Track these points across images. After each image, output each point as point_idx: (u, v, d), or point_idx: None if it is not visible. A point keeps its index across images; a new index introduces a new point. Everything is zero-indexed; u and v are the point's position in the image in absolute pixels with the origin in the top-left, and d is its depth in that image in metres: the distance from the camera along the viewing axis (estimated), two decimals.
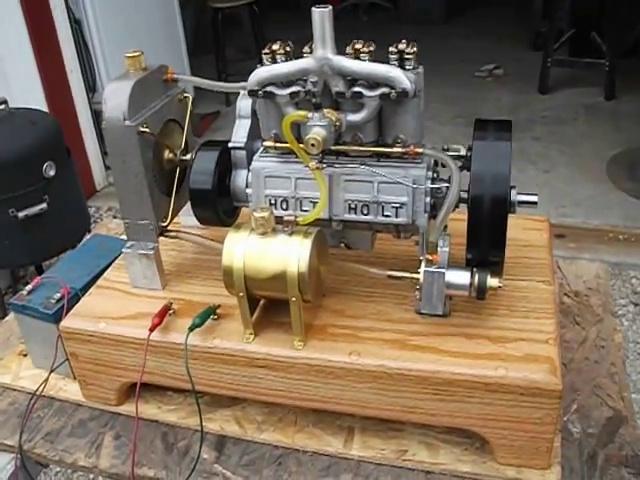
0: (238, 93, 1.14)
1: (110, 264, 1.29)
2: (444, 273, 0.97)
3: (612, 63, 4.07)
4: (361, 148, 1.01)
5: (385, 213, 1.03)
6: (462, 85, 4.57)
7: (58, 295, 1.21)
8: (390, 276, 1.04)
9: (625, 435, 1.07)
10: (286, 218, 1.00)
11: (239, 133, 1.12)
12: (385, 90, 0.95)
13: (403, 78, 0.94)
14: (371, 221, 1.04)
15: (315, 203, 1.06)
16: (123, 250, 1.16)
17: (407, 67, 0.96)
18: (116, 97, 1.06)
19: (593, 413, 1.12)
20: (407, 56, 0.97)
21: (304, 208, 1.07)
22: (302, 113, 0.96)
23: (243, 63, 4.33)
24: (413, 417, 1.03)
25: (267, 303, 1.10)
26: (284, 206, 1.07)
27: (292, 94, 0.99)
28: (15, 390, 1.27)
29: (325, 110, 0.96)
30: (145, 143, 1.09)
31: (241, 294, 1.02)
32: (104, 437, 1.16)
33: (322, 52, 0.95)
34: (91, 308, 1.16)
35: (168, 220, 1.16)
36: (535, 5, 4.90)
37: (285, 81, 1.00)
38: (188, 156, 1.16)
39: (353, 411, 1.07)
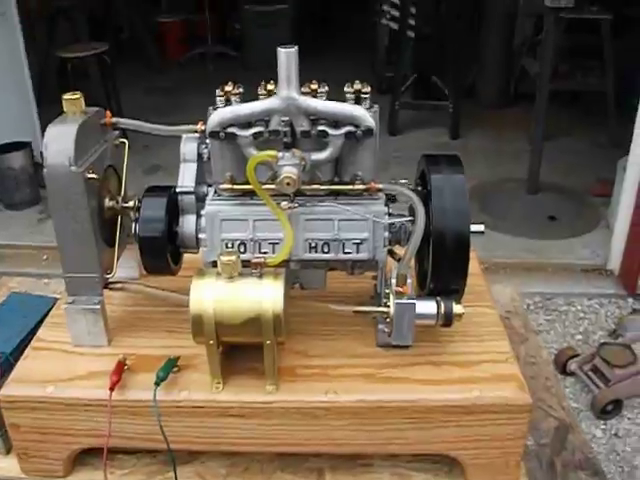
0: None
1: (39, 323, 1.19)
2: (415, 304, 1.00)
3: (455, 105, 4.40)
4: (322, 187, 1.03)
5: (346, 250, 1.05)
6: None
7: None
8: (356, 311, 1.06)
9: (574, 441, 1.15)
10: (254, 260, 0.99)
11: (186, 177, 1.10)
12: (350, 129, 0.98)
13: (367, 117, 0.97)
14: (332, 259, 1.06)
15: (275, 244, 1.05)
16: (64, 307, 1.08)
17: (364, 106, 1.00)
18: (59, 141, 1.00)
19: (541, 425, 1.19)
20: (363, 95, 1.01)
21: (263, 250, 1.06)
22: (272, 153, 0.96)
23: None
24: (392, 449, 1.05)
25: (228, 349, 1.07)
26: (242, 249, 1.06)
27: (255, 134, 0.99)
28: None
29: (293, 150, 0.97)
30: (91, 190, 1.03)
31: (211, 342, 0.98)
32: None
33: (287, 92, 0.96)
34: (32, 372, 1.06)
35: (113, 271, 1.10)
36: (379, 52, 5.21)
37: (245, 122, 0.99)
38: (130, 203, 1.11)
39: (331, 450, 1.06)
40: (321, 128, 0.98)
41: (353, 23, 6.31)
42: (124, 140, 1.14)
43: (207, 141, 1.08)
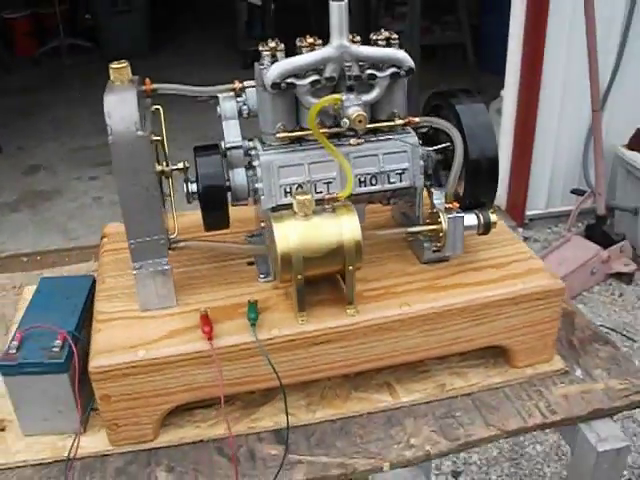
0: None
1: (87, 301, 1.19)
2: (464, 217, 1.14)
3: None
4: (370, 125, 1.13)
5: (391, 180, 1.17)
6: (188, 111, 4.69)
7: (58, 342, 1.09)
8: (410, 232, 1.18)
9: (580, 322, 1.36)
10: (328, 197, 1.08)
11: (232, 133, 1.15)
12: (394, 70, 1.09)
13: (408, 58, 1.09)
14: (379, 190, 1.17)
15: (329, 184, 1.15)
16: (134, 272, 1.10)
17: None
18: (122, 108, 1.02)
19: None
20: (393, 41, 1.12)
21: (318, 190, 1.15)
22: (337, 96, 1.05)
23: None
24: (455, 348, 1.19)
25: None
26: (294, 191, 1.14)
27: (313, 82, 1.07)
28: (16, 468, 1.09)
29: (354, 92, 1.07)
30: (154, 153, 1.06)
31: (299, 277, 1.06)
32: (156, 475, 1.08)
33: (340, 41, 1.05)
34: (112, 342, 1.07)
35: (176, 232, 1.13)
36: (240, 28, 5.26)
37: (302, 72, 1.07)
38: (179, 164, 1.14)
39: (406, 359, 1.18)
40: (370, 72, 1.08)
41: (212, 1, 6.27)
42: (159, 107, 1.16)
43: (243, 98, 1.15)
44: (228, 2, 5.26)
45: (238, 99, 1.16)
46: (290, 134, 1.12)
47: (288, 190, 1.14)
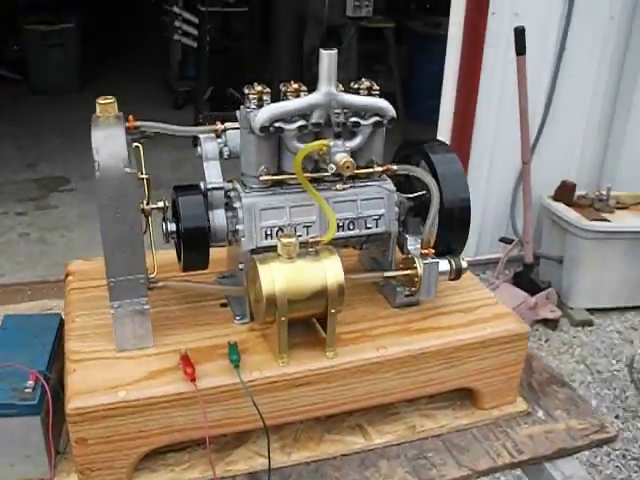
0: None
1: (56, 340, 1.16)
2: (438, 262, 1.19)
3: None
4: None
5: (368, 225, 1.21)
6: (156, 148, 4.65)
7: (30, 382, 1.05)
8: (387, 277, 1.21)
9: (537, 365, 1.42)
10: (311, 240, 1.10)
11: (213, 174, 1.16)
12: (377, 119, 1.14)
13: (390, 107, 1.14)
14: (356, 235, 1.20)
15: (308, 227, 1.17)
16: (112, 312, 1.08)
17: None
18: (111, 144, 1.02)
19: None
20: (373, 91, 1.17)
21: (298, 233, 1.17)
22: (325, 142, 1.08)
23: None
24: (428, 390, 1.22)
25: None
26: (280, 234, 1.16)
27: (300, 127, 1.10)
28: None
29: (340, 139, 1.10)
30: (140, 191, 1.06)
31: (283, 319, 1.07)
32: None
33: (329, 88, 1.09)
34: (89, 382, 1.04)
35: (155, 271, 1.12)
36: (173, 68, 5.26)
37: (289, 117, 1.10)
38: (159, 204, 1.14)
39: (381, 401, 1.20)
40: (354, 119, 1.13)
41: (146, 40, 6.23)
42: (138, 144, 1.16)
43: (224, 139, 1.17)
44: (163, 42, 5.26)
45: (219, 140, 1.18)
46: (273, 177, 1.14)
47: (269, 232, 1.15)
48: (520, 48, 3.08)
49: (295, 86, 1.13)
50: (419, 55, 5.17)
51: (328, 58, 1.08)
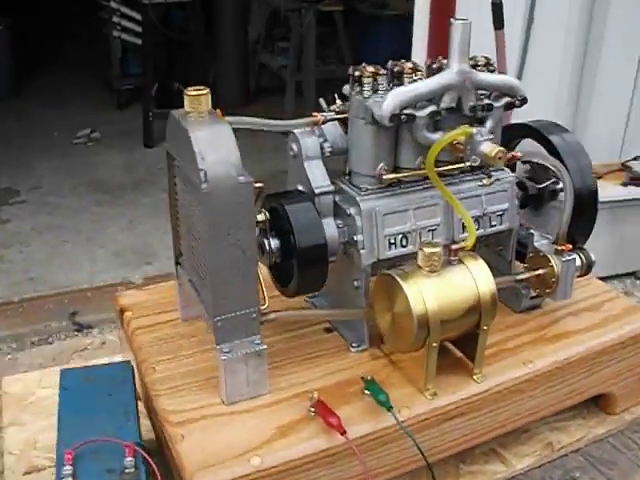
0: None
1: (133, 396, 0.93)
2: (575, 258, 1.04)
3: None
4: (464, 164, 0.99)
5: (492, 223, 1.04)
6: (68, 155, 4.22)
7: (128, 460, 0.81)
8: (519, 280, 1.05)
9: None
10: (454, 247, 0.92)
11: (318, 176, 0.95)
12: (508, 99, 0.97)
13: (521, 87, 0.97)
14: (481, 235, 1.03)
15: (432, 231, 0.99)
16: (223, 358, 0.86)
17: None
18: (219, 148, 0.80)
19: None
20: (492, 68, 1.00)
21: (422, 239, 0.98)
22: (468, 129, 0.90)
23: None
24: (569, 402, 1.07)
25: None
26: (404, 242, 0.97)
27: (432, 114, 0.91)
28: None
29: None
30: (254, 205, 0.84)
31: (435, 344, 0.89)
32: None
33: (461, 66, 0.91)
34: (209, 451, 0.83)
35: (266, 302, 0.91)
36: (114, 66, 4.84)
37: (421, 102, 0.91)
38: (260, 216, 0.92)
39: (527, 421, 1.04)
40: (487, 102, 0.95)
41: (83, 38, 5.72)
42: None
43: (319, 134, 0.97)
44: (101, 39, 4.81)
45: (319, 135, 0.97)
46: (397, 175, 0.95)
47: (392, 241, 0.96)
48: (498, 22, 2.96)
49: (410, 65, 0.94)
50: (368, 38, 5.01)
51: (462, 29, 0.89)
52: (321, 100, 1.03)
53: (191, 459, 0.82)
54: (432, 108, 0.92)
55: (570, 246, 1.03)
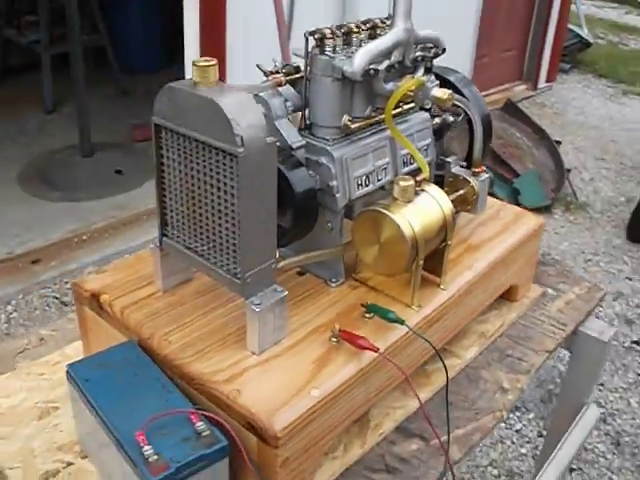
0: None
1: (159, 370, 0.95)
2: (488, 177, 1.25)
3: None
4: (409, 106, 1.14)
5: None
6: None
7: (199, 425, 0.85)
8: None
9: None
10: (419, 178, 1.06)
11: (291, 133, 1.03)
12: (435, 50, 1.12)
13: (441, 39, 1.13)
14: (415, 169, 1.19)
15: (384, 169, 1.12)
16: (257, 310, 0.92)
17: None
18: (247, 112, 0.84)
19: None
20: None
21: (379, 178, 1.11)
22: (420, 79, 1.03)
23: None
24: (496, 295, 1.30)
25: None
26: (367, 182, 1.09)
27: (388, 67, 1.03)
28: None
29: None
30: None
31: (421, 262, 1.04)
32: None
33: (406, 24, 1.04)
34: (271, 396, 0.89)
35: (277, 252, 0.97)
36: None
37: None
38: None
39: (475, 316, 1.25)
40: (421, 54, 1.09)
41: None
42: None
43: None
44: None
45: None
46: (361, 123, 1.06)
47: (360, 182, 1.08)
48: None
49: (354, 27, 1.05)
50: (116, 7, 4.83)
51: None
52: (257, 65, 1.10)
53: (260, 407, 0.87)
54: (387, 62, 1.04)
55: (484, 167, 1.24)
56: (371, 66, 1.01)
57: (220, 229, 0.91)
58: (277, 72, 1.08)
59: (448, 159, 1.26)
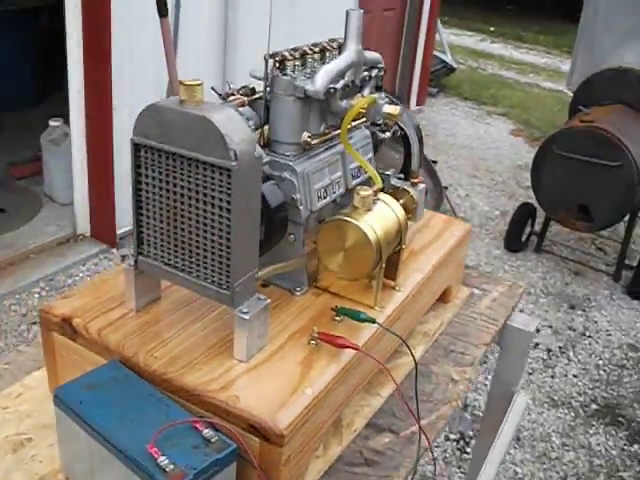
0: None
1: (150, 385, 0.96)
2: (425, 187, 1.35)
3: None
4: (355, 123, 1.23)
5: (364, 171, 1.29)
6: None
7: (206, 431, 0.87)
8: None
9: None
10: (375, 188, 1.15)
11: (258, 149, 1.08)
12: (377, 71, 1.22)
13: (382, 60, 1.24)
14: (361, 182, 1.27)
15: (337, 183, 1.20)
16: (245, 318, 0.96)
17: None
18: (238, 128, 0.89)
19: None
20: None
21: (334, 190, 1.19)
22: (373, 97, 1.12)
23: None
24: (436, 296, 1.40)
25: None
26: (325, 195, 1.16)
27: (344, 87, 1.11)
28: None
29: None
30: None
31: (383, 265, 1.12)
32: None
33: (357, 47, 1.13)
34: (266, 399, 0.93)
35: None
36: None
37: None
38: None
39: (421, 316, 1.33)
40: (367, 73, 1.19)
41: None
42: None
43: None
44: None
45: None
46: (319, 140, 1.13)
47: (319, 195, 1.15)
48: (162, 10, 3.12)
49: (319, 48, 1.13)
50: None
51: (356, 17, 1.11)
52: (212, 88, 1.15)
53: (261, 409, 0.91)
54: (342, 81, 1.12)
55: (421, 178, 1.35)
56: (330, 85, 1.09)
57: (206, 242, 0.95)
58: (232, 94, 1.13)
59: (387, 172, 1.35)
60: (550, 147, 3.86)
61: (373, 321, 1.08)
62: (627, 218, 4.04)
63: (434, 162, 5.24)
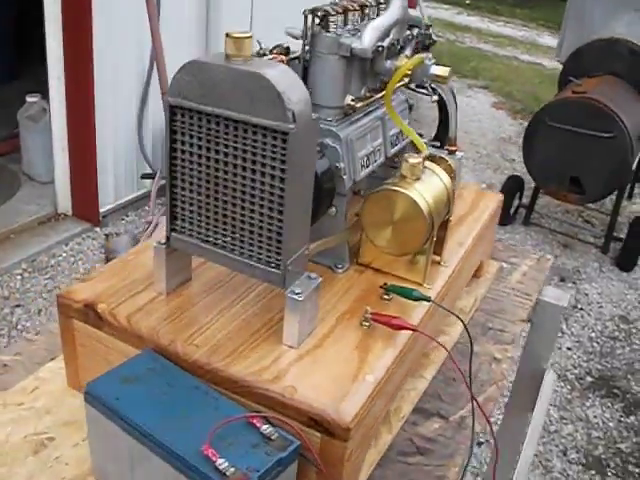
0: None
1: (193, 377, 0.86)
2: (462, 155, 1.26)
3: None
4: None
5: (404, 137, 1.19)
6: None
7: (265, 427, 0.78)
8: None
9: None
10: (419, 158, 1.05)
11: None
12: (418, 30, 1.12)
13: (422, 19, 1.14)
14: (401, 148, 1.18)
15: (378, 150, 1.11)
16: (299, 299, 0.86)
17: None
18: (294, 87, 0.79)
19: None
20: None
21: (375, 159, 1.09)
22: (421, 57, 1.02)
23: None
24: (473, 271, 1.32)
25: None
26: (367, 163, 1.07)
27: (390, 46, 1.01)
28: None
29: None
30: None
31: (434, 237, 1.03)
32: None
33: (403, 2, 1.03)
34: (325, 388, 0.83)
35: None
36: None
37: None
38: None
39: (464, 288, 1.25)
40: (410, 32, 1.09)
41: None
42: None
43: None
44: None
45: None
46: (363, 102, 1.03)
47: (362, 163, 1.05)
48: None
49: (357, 3, 1.03)
50: None
51: None
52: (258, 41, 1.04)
53: (322, 401, 0.82)
54: (389, 39, 1.02)
55: (458, 146, 1.26)
56: (378, 43, 0.99)
57: (253, 216, 0.84)
58: (264, 54, 1.02)
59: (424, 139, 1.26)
60: (542, 118, 3.79)
61: (428, 299, 0.99)
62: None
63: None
